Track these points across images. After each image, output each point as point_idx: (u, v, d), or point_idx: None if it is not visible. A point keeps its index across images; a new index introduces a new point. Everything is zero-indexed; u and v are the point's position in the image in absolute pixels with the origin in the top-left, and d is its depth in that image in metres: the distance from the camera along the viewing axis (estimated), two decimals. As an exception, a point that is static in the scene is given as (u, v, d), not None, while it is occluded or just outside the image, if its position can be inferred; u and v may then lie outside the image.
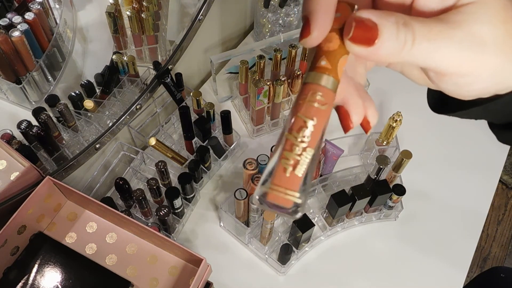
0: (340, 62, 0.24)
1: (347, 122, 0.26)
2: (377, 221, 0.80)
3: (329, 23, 0.23)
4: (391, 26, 0.22)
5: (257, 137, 0.90)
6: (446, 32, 0.23)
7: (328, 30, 0.23)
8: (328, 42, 0.23)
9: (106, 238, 0.66)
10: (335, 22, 0.23)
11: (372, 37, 0.22)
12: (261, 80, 0.76)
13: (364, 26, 0.22)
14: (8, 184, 0.59)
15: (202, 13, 0.80)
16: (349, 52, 0.24)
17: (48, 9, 0.61)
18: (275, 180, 0.22)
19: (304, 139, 0.23)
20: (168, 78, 0.77)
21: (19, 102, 0.63)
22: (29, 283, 0.59)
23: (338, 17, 0.23)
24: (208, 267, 0.61)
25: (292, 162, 0.22)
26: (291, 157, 0.22)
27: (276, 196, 0.22)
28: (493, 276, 0.94)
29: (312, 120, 0.23)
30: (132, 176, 0.80)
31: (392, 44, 0.22)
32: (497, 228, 1.72)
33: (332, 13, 0.23)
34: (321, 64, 0.23)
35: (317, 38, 0.23)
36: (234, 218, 0.71)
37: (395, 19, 0.22)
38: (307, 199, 0.23)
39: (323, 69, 0.23)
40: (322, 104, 0.23)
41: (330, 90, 0.23)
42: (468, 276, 1.27)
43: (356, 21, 0.22)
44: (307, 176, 0.23)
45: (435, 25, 0.23)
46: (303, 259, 0.75)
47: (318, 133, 0.23)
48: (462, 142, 0.91)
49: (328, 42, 0.23)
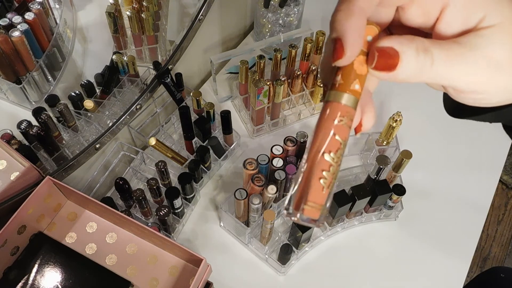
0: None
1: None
2: (377, 221, 0.80)
3: (360, 45, 0.24)
4: (412, 53, 0.23)
5: (257, 137, 0.90)
6: (464, 55, 0.24)
7: (359, 51, 0.25)
8: (360, 65, 0.25)
9: (106, 238, 0.66)
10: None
11: (393, 63, 0.24)
12: (261, 80, 0.77)
13: (386, 54, 0.24)
14: (8, 184, 0.59)
15: (202, 13, 0.80)
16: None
17: (48, 9, 0.61)
18: (311, 197, 0.24)
19: (339, 159, 0.24)
20: (168, 78, 0.77)
21: (19, 102, 0.63)
22: (29, 283, 0.59)
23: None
24: (208, 267, 0.61)
25: (328, 180, 0.24)
26: (328, 176, 0.24)
27: (311, 211, 0.24)
28: (493, 276, 0.94)
29: (346, 141, 0.25)
30: (132, 176, 0.80)
31: (411, 70, 0.24)
32: (497, 228, 1.72)
33: (363, 34, 0.24)
34: (355, 88, 0.25)
35: (350, 59, 0.24)
36: (234, 218, 0.71)
37: (415, 46, 0.24)
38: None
39: (356, 93, 0.25)
40: (350, 126, 0.25)
41: (356, 111, 0.25)
42: (468, 276, 1.27)
43: (378, 50, 0.24)
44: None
45: (453, 48, 0.24)
46: (303, 259, 0.75)
47: (344, 151, 0.25)
48: (462, 142, 0.91)
49: (360, 65, 0.25)
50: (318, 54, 0.87)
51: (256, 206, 0.66)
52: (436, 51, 0.24)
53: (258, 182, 0.66)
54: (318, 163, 0.24)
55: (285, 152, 0.72)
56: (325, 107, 0.25)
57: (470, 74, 0.24)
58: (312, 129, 0.99)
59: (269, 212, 0.65)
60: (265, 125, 0.88)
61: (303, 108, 0.93)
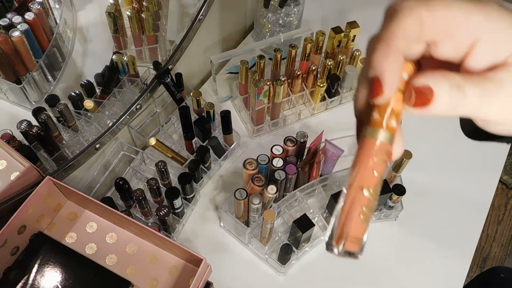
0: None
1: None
2: (377, 221, 0.80)
3: (398, 84, 0.25)
4: (446, 89, 0.24)
5: (257, 137, 0.90)
6: (495, 91, 0.25)
7: (397, 88, 0.25)
8: (396, 102, 0.26)
9: (106, 238, 0.66)
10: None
11: (428, 100, 0.24)
12: (261, 80, 0.77)
13: (422, 94, 0.24)
14: (8, 184, 0.59)
15: (202, 13, 0.80)
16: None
17: (48, 9, 0.61)
18: (352, 232, 0.25)
19: (377, 194, 0.26)
20: (168, 78, 0.77)
21: (19, 102, 0.63)
22: (29, 283, 0.59)
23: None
24: (208, 267, 0.61)
25: (368, 215, 0.25)
26: (367, 211, 0.25)
27: (351, 245, 0.25)
28: (493, 276, 0.94)
29: (383, 176, 0.26)
30: (132, 176, 0.80)
31: (444, 106, 0.24)
32: (497, 228, 1.72)
33: (401, 74, 0.25)
34: (391, 125, 0.26)
35: (388, 98, 0.25)
36: (234, 218, 0.71)
37: (449, 83, 0.24)
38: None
39: (392, 130, 0.26)
40: (386, 162, 0.26)
41: (391, 146, 0.26)
42: (468, 276, 1.27)
43: (416, 90, 0.25)
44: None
45: (485, 84, 0.25)
46: (303, 259, 0.75)
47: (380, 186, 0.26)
48: (462, 142, 0.91)
49: (397, 102, 0.26)
50: (318, 54, 0.87)
51: (256, 206, 0.66)
52: (468, 87, 0.24)
53: (258, 182, 0.66)
54: (359, 199, 0.25)
55: (285, 152, 0.72)
56: (363, 143, 0.26)
57: (503, 108, 0.25)
58: (312, 129, 0.99)
59: (269, 212, 0.65)
60: (265, 125, 0.88)
61: (303, 108, 0.93)
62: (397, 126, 0.26)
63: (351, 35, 0.87)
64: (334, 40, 0.87)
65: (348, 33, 0.87)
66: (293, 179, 0.72)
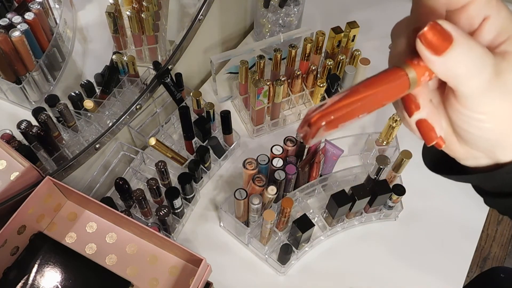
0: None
1: (431, 135, 0.27)
2: (377, 221, 0.80)
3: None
4: (466, 43, 0.22)
5: (257, 137, 0.90)
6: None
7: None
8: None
9: (106, 238, 0.66)
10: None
11: (442, 46, 0.22)
12: (261, 80, 0.77)
13: (437, 32, 0.22)
14: (8, 184, 0.59)
15: (202, 13, 0.80)
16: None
17: (48, 9, 0.61)
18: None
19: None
20: (168, 78, 0.77)
21: (19, 102, 0.63)
22: (29, 283, 0.59)
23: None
24: (208, 267, 0.61)
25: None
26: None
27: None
28: (493, 276, 0.94)
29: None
30: (132, 176, 0.80)
31: (463, 62, 0.22)
32: (497, 228, 1.72)
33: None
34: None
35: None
36: (234, 218, 0.71)
37: (470, 42, 0.22)
38: None
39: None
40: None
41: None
42: (468, 276, 1.27)
43: (430, 24, 0.22)
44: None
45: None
46: (303, 259, 0.75)
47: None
48: (462, 142, 0.91)
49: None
50: (318, 54, 0.87)
51: (256, 206, 0.66)
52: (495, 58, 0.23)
53: (259, 182, 0.66)
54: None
55: (285, 152, 0.72)
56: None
57: (494, 105, 0.24)
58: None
59: (269, 212, 0.65)
60: (265, 125, 0.88)
61: (303, 108, 0.93)
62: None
63: (351, 35, 0.87)
64: (334, 40, 0.87)
65: (348, 33, 0.87)
66: (293, 179, 0.72)
